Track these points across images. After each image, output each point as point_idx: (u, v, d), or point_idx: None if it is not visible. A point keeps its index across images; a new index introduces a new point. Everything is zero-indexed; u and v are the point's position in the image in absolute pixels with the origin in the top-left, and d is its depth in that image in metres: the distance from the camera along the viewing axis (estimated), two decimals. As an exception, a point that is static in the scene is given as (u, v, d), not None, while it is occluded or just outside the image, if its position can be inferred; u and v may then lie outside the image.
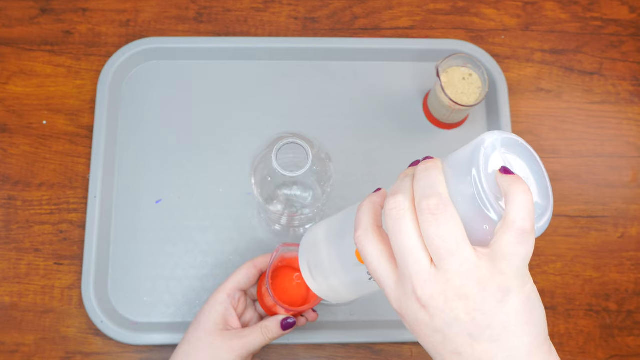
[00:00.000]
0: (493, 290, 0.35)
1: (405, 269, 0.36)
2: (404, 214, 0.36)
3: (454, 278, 0.35)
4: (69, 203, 0.76)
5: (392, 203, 0.37)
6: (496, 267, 0.35)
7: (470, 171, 0.35)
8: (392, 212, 0.37)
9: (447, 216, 0.35)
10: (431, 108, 0.78)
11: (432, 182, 0.36)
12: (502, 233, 0.35)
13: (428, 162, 0.37)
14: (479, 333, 0.36)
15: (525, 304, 0.36)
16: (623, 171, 0.79)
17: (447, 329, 0.36)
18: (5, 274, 0.73)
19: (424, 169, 0.37)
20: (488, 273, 0.35)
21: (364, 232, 0.39)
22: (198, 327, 0.61)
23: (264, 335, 0.61)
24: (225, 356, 0.59)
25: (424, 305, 0.36)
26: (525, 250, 0.35)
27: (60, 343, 0.72)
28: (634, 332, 0.74)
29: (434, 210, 0.35)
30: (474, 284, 0.35)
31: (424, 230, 0.35)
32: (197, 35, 0.82)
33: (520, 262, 0.35)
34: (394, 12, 0.84)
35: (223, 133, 0.78)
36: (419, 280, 0.36)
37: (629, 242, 0.77)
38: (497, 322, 0.35)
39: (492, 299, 0.35)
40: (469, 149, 0.36)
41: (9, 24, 0.82)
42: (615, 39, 0.84)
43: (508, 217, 0.35)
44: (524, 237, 0.35)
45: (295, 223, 0.67)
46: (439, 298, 0.36)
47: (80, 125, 0.78)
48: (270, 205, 0.61)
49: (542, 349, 0.36)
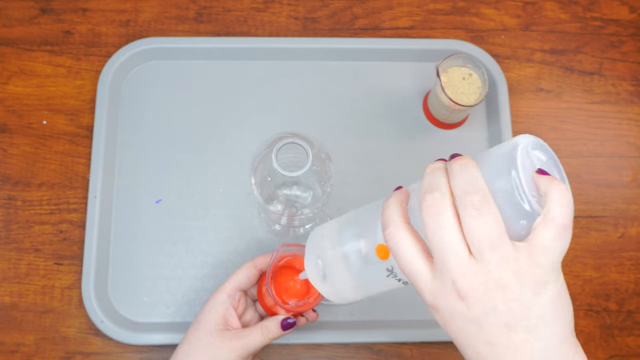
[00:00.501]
0: (531, 282, 0.37)
1: (444, 262, 0.38)
2: (443, 209, 0.38)
3: (494, 270, 0.37)
4: (69, 203, 0.76)
5: (430, 199, 0.38)
6: (534, 261, 0.37)
7: (509, 171, 0.37)
8: (431, 208, 0.38)
9: (490, 211, 0.36)
10: (431, 108, 0.78)
11: (473, 179, 0.38)
12: (542, 228, 0.37)
13: (463, 159, 0.39)
14: (516, 323, 0.37)
15: (558, 296, 0.38)
16: (623, 171, 0.79)
17: (484, 319, 0.37)
18: (5, 274, 0.73)
19: (461, 166, 0.38)
20: (526, 266, 0.37)
21: (396, 229, 0.40)
22: (198, 327, 0.61)
23: (264, 335, 0.61)
24: (225, 356, 0.59)
25: (463, 297, 0.38)
26: (562, 245, 0.37)
27: (60, 343, 0.72)
28: (634, 332, 0.74)
29: (477, 205, 0.37)
30: (513, 275, 0.37)
31: (467, 224, 0.37)
32: (197, 35, 0.82)
33: (557, 257, 0.37)
34: (394, 12, 0.84)
35: (223, 133, 0.78)
36: (459, 273, 0.37)
37: (629, 242, 0.77)
38: (534, 313, 0.37)
39: (529, 291, 0.37)
40: (505, 150, 0.38)
41: (9, 24, 0.82)
42: (615, 39, 0.84)
43: (549, 214, 0.37)
44: (563, 233, 0.37)
45: (295, 223, 0.67)
46: (479, 289, 0.37)
47: (80, 125, 0.78)
48: (270, 205, 0.61)
49: (571, 340, 0.39)
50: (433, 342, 0.72)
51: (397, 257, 0.40)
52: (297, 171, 0.53)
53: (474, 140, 0.79)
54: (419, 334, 0.72)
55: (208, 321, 0.61)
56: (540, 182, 0.37)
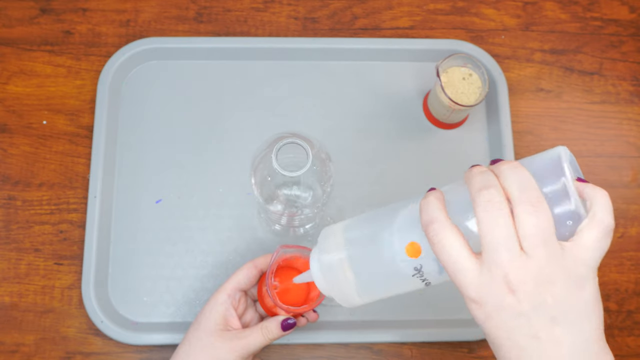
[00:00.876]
0: (576, 278, 0.40)
1: (496, 257, 0.39)
2: (499, 205, 0.39)
3: (544, 266, 0.39)
4: (69, 203, 0.76)
5: (487, 195, 0.40)
6: (580, 259, 0.40)
7: (559, 177, 0.41)
8: (488, 204, 0.40)
9: (544, 209, 0.39)
10: (431, 108, 0.78)
11: (527, 179, 0.40)
12: (589, 229, 0.40)
13: (512, 162, 0.41)
14: (561, 317, 0.39)
15: (596, 294, 0.41)
16: (623, 171, 0.79)
17: (532, 312, 0.39)
18: (5, 274, 0.73)
19: (512, 167, 0.41)
20: (572, 263, 0.39)
21: (441, 225, 0.41)
22: (199, 327, 0.61)
23: (264, 336, 0.61)
24: (225, 356, 0.59)
25: (514, 290, 0.39)
26: (605, 245, 0.40)
27: (60, 343, 0.72)
28: (634, 332, 0.74)
29: (534, 202, 0.39)
30: (561, 271, 0.39)
31: (522, 220, 0.39)
32: (197, 35, 0.82)
33: (599, 257, 0.40)
34: (394, 12, 0.84)
35: (223, 133, 0.78)
36: (512, 267, 0.39)
37: (628, 242, 0.77)
38: (576, 307, 0.40)
39: (574, 286, 0.40)
40: (549, 158, 0.42)
41: (9, 24, 0.82)
42: (615, 39, 0.84)
43: (596, 216, 0.40)
44: (607, 234, 0.40)
45: (295, 223, 0.67)
46: (530, 283, 0.39)
47: (80, 125, 0.78)
48: (270, 205, 0.61)
49: (603, 335, 0.41)
50: (433, 342, 0.72)
51: (441, 253, 0.41)
52: (297, 171, 0.53)
53: (474, 140, 0.79)
54: (419, 334, 0.72)
55: (208, 321, 0.61)
56: (585, 189, 0.41)
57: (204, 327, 0.60)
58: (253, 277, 0.64)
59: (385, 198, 0.74)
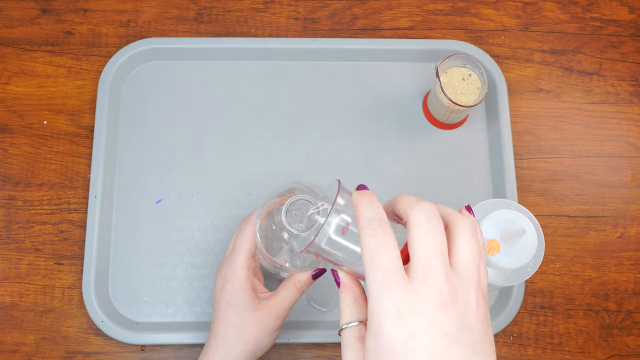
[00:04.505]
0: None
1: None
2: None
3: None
4: (69, 203, 0.76)
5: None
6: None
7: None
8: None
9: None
10: (431, 108, 0.78)
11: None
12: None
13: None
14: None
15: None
16: (622, 171, 0.80)
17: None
18: (6, 274, 0.74)
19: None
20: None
21: (385, 224, 0.41)
22: (236, 310, 0.60)
23: (299, 289, 0.61)
24: (273, 324, 0.60)
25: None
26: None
27: (60, 343, 0.72)
28: (633, 331, 0.75)
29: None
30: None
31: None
32: (197, 36, 0.82)
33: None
34: (394, 13, 0.84)
35: (223, 133, 0.78)
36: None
37: (628, 242, 0.77)
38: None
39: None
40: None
41: (9, 24, 0.82)
42: (615, 39, 0.84)
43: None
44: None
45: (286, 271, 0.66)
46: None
47: (81, 126, 0.79)
48: (270, 253, 0.59)
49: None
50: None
51: (378, 253, 0.40)
52: (303, 231, 0.50)
53: (473, 141, 0.79)
54: (418, 334, 0.72)
55: (244, 301, 0.60)
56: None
57: (243, 307, 0.60)
58: (254, 238, 0.62)
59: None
